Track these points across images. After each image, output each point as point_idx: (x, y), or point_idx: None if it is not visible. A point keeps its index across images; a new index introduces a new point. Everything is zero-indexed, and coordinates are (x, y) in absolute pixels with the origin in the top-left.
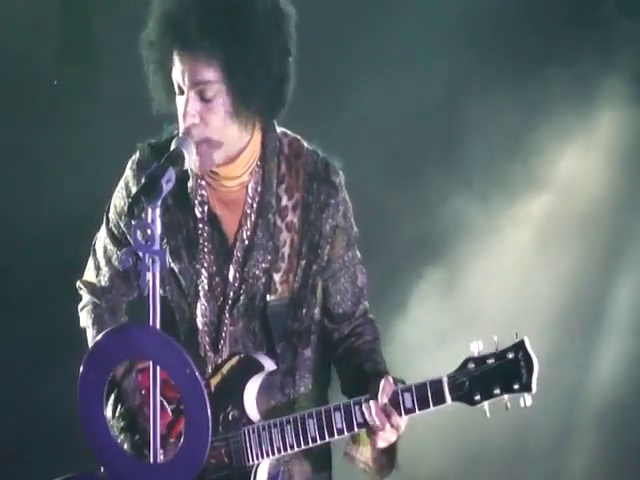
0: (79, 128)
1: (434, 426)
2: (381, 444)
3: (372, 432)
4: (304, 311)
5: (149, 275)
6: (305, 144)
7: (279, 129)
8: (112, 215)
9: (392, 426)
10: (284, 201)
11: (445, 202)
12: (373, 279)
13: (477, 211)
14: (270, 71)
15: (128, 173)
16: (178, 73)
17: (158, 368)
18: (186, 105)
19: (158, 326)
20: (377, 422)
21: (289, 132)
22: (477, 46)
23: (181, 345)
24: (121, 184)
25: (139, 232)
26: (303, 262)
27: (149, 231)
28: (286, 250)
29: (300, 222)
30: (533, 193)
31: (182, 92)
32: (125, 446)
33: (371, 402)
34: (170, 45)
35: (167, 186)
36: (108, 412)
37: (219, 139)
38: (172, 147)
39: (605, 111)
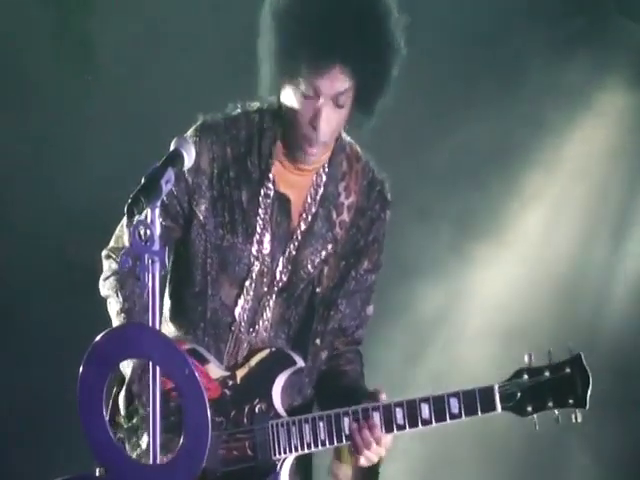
0: (80, 128)
1: None
2: (363, 462)
3: (355, 451)
4: (331, 313)
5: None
6: (360, 150)
7: None
8: None
9: (377, 444)
10: (341, 198)
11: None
12: None
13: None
14: (390, 84)
15: None
16: (315, 81)
17: (158, 368)
18: (321, 111)
19: (158, 326)
20: (364, 440)
21: (346, 135)
22: (477, 45)
23: (194, 342)
24: None
25: (138, 233)
26: (342, 263)
27: (148, 232)
28: (337, 246)
29: (350, 224)
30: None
31: (312, 96)
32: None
33: (361, 422)
34: (311, 56)
35: (166, 187)
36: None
37: (333, 140)
38: (171, 147)
39: (605, 111)
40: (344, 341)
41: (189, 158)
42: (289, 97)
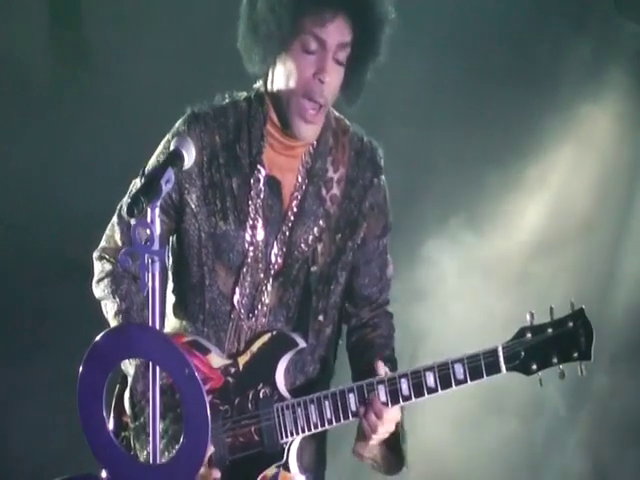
0: (79, 127)
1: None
2: (374, 442)
3: (365, 435)
4: (332, 287)
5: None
6: (348, 123)
7: None
8: None
9: (379, 417)
10: (330, 173)
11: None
12: None
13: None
14: (382, 46)
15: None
16: (320, 32)
17: (158, 368)
18: (327, 62)
19: (158, 326)
20: (370, 424)
21: (334, 110)
22: (476, 45)
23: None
24: (165, 144)
25: (138, 232)
26: (338, 236)
27: (148, 231)
28: (330, 221)
29: (342, 196)
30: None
31: (316, 50)
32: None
33: (361, 407)
34: (316, 5)
35: (166, 186)
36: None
37: (327, 105)
38: (171, 147)
39: (605, 110)
40: (369, 309)
41: (189, 158)
42: (287, 61)
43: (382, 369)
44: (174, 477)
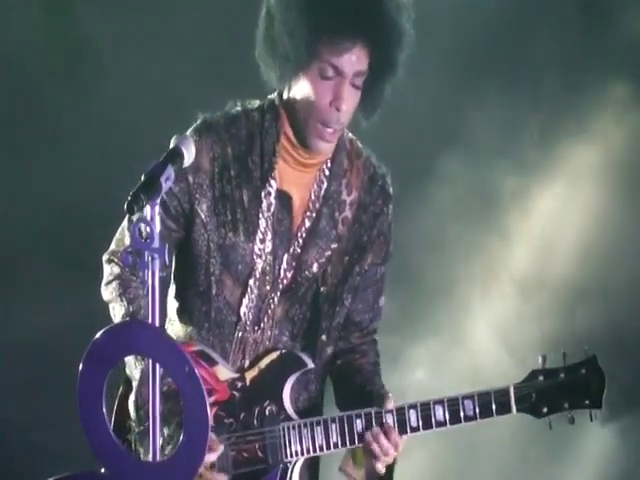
0: (80, 128)
1: None
2: (380, 467)
3: (373, 456)
4: (337, 309)
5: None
6: (362, 146)
7: None
8: None
9: (395, 449)
10: (343, 195)
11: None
12: None
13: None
14: (399, 68)
15: None
16: (337, 60)
17: (158, 366)
18: (343, 90)
19: (158, 323)
20: (382, 448)
21: (347, 130)
22: (476, 44)
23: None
24: None
25: (138, 230)
26: (346, 259)
27: (148, 229)
28: (341, 243)
29: (353, 219)
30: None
31: (332, 77)
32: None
33: (375, 429)
34: (334, 34)
35: (166, 184)
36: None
37: (344, 127)
38: (171, 145)
39: (605, 110)
40: (359, 335)
41: (189, 156)
42: (304, 84)
43: (391, 404)
44: (174, 474)
